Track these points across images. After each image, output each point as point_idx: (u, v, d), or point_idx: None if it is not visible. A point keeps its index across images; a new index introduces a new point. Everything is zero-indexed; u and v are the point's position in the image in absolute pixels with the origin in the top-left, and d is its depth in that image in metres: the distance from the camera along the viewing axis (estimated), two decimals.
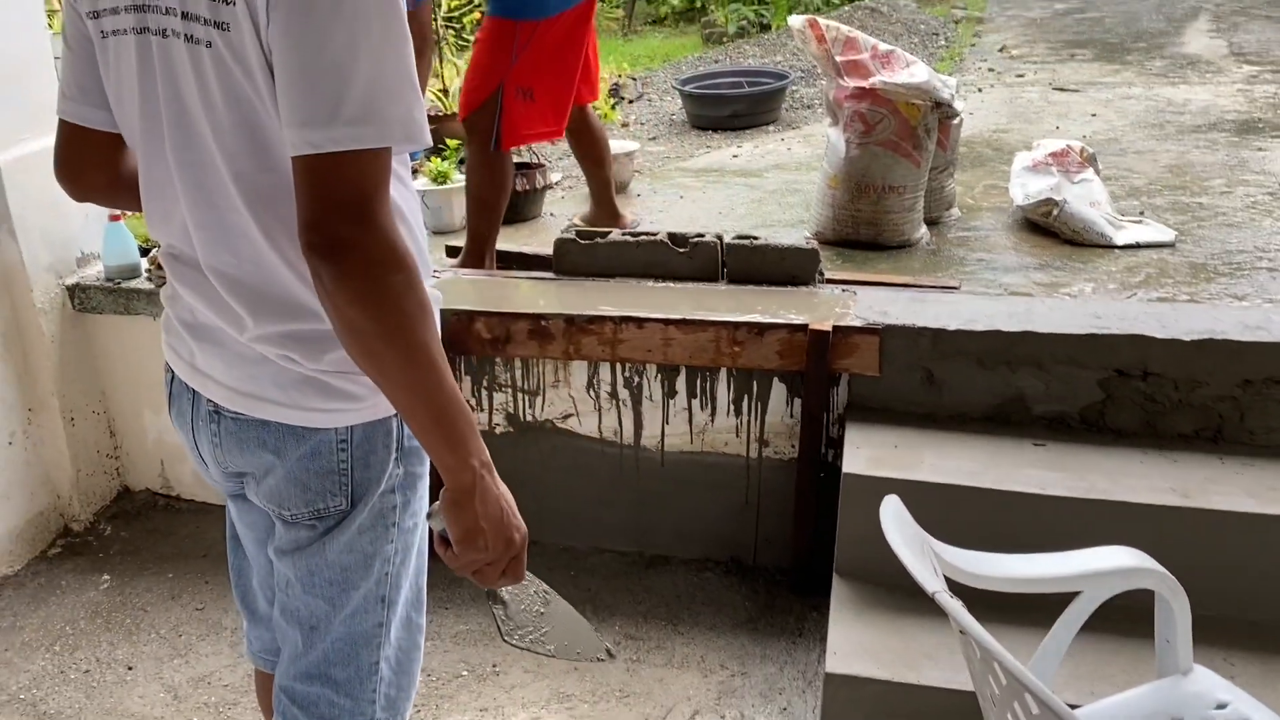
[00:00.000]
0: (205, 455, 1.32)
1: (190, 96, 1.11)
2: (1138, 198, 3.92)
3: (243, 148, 1.11)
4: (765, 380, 2.56)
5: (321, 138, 1.01)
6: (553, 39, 3.18)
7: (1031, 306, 2.53)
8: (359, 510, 1.26)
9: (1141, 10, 8.01)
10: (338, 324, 1.04)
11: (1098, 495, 2.14)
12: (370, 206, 1.03)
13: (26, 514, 2.80)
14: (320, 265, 1.02)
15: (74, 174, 1.33)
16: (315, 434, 1.22)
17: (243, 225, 1.15)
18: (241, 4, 1.04)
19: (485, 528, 1.13)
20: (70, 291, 2.80)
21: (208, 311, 1.23)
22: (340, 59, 1.01)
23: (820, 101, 5.99)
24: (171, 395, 1.35)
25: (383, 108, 1.03)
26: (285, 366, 1.19)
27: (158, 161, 1.19)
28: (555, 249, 2.89)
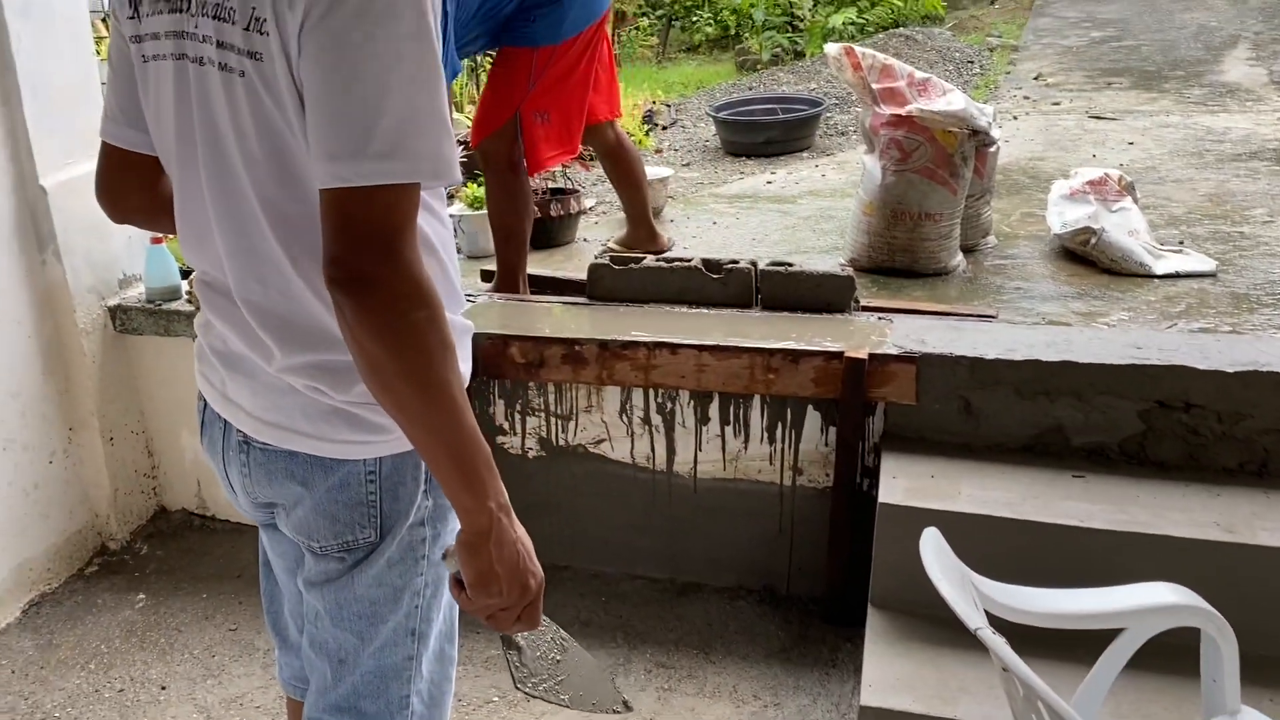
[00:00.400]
0: (235, 485, 1.32)
1: (223, 125, 1.12)
2: (1177, 227, 3.88)
3: (273, 177, 1.11)
4: (800, 408, 2.54)
5: (348, 171, 1.01)
6: (568, 62, 3.20)
7: (1071, 336, 2.50)
8: (388, 543, 1.25)
9: (1179, 38, 7.95)
10: (358, 359, 1.04)
11: (1139, 529, 2.11)
12: (395, 242, 1.02)
13: (65, 532, 2.83)
14: (343, 299, 1.02)
15: (114, 196, 1.34)
16: (343, 465, 1.21)
17: (272, 255, 1.15)
18: (275, 34, 1.04)
19: (500, 572, 1.11)
20: (112, 313, 2.83)
21: (238, 341, 1.23)
22: (371, 92, 1.01)
23: (854, 128, 5.98)
24: (204, 423, 1.35)
25: (412, 143, 1.03)
26: (313, 397, 1.19)
27: (192, 188, 1.20)
28: (589, 274, 2.90)
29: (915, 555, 2.14)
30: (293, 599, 1.44)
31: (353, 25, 1.00)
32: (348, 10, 1.00)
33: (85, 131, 2.70)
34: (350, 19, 1.00)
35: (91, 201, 1.38)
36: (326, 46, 1.01)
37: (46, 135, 2.61)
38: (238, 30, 1.06)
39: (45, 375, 2.73)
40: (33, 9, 2.54)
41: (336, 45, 1.01)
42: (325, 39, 1.01)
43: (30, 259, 2.65)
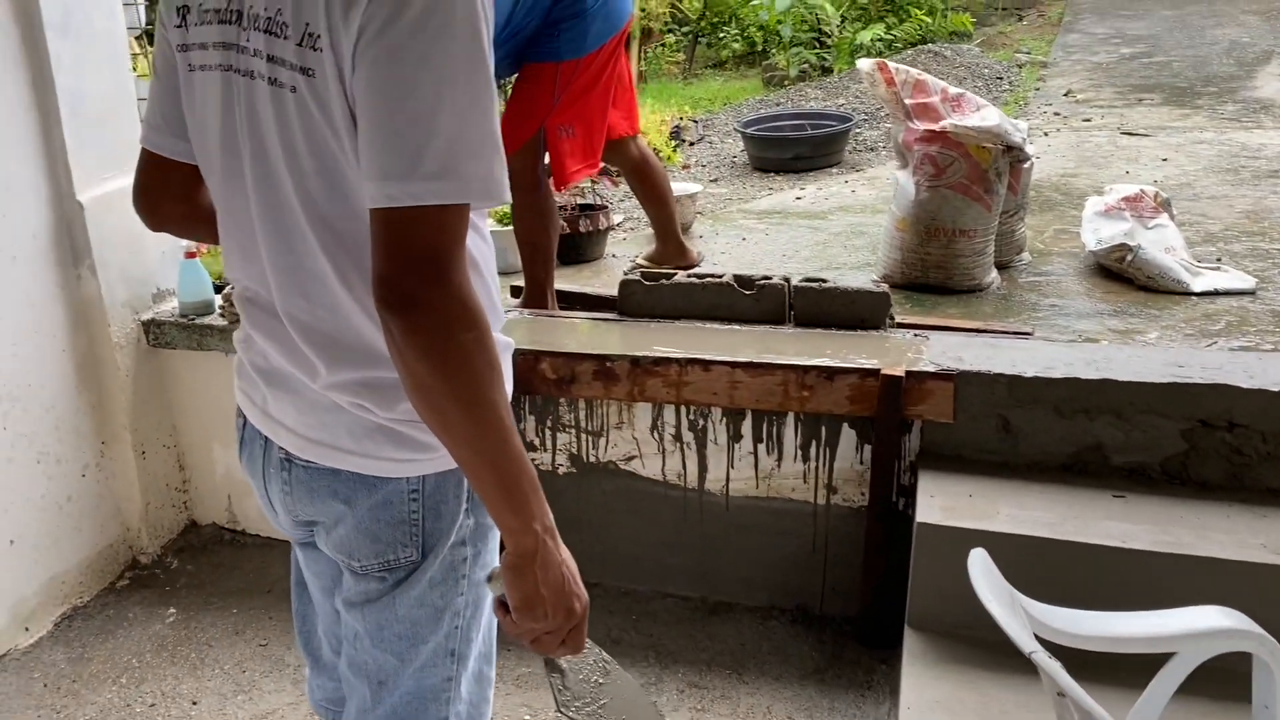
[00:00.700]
0: (275, 503, 1.31)
1: (271, 140, 1.11)
2: (1214, 244, 3.83)
3: (323, 193, 1.11)
4: (834, 425, 2.52)
5: (399, 191, 1.00)
6: (590, 74, 3.20)
7: (1110, 354, 2.47)
8: (429, 562, 1.24)
9: (1211, 54, 7.88)
10: (406, 379, 1.03)
11: (1183, 550, 2.07)
12: (445, 263, 1.02)
13: (97, 545, 2.84)
14: (391, 319, 1.01)
15: (152, 204, 1.34)
16: (387, 484, 1.20)
17: (320, 270, 1.14)
18: (328, 51, 1.03)
19: (545, 595, 1.10)
20: (145, 327, 2.85)
21: (281, 357, 1.22)
22: (423, 112, 1.00)
23: (884, 144, 5.96)
24: (243, 440, 1.33)
25: (463, 164, 1.02)
26: (358, 415, 1.18)
27: (237, 201, 1.19)
28: (620, 290, 2.89)
29: (954, 575, 2.11)
30: (327, 619, 1.42)
31: (407, 43, 1.00)
32: (403, 28, 0.99)
33: (121, 146, 2.72)
34: (405, 36, 1.00)
35: (126, 216, 1.37)
36: (381, 63, 1.01)
37: (83, 150, 2.63)
38: (290, 45, 1.06)
39: (79, 389, 2.74)
40: (72, 27, 2.56)
41: (391, 62, 1.00)
42: (380, 56, 1.01)
43: (65, 273, 2.67)
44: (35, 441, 2.63)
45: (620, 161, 3.72)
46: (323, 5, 1.03)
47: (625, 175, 3.85)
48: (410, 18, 0.99)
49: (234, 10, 1.11)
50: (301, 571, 1.45)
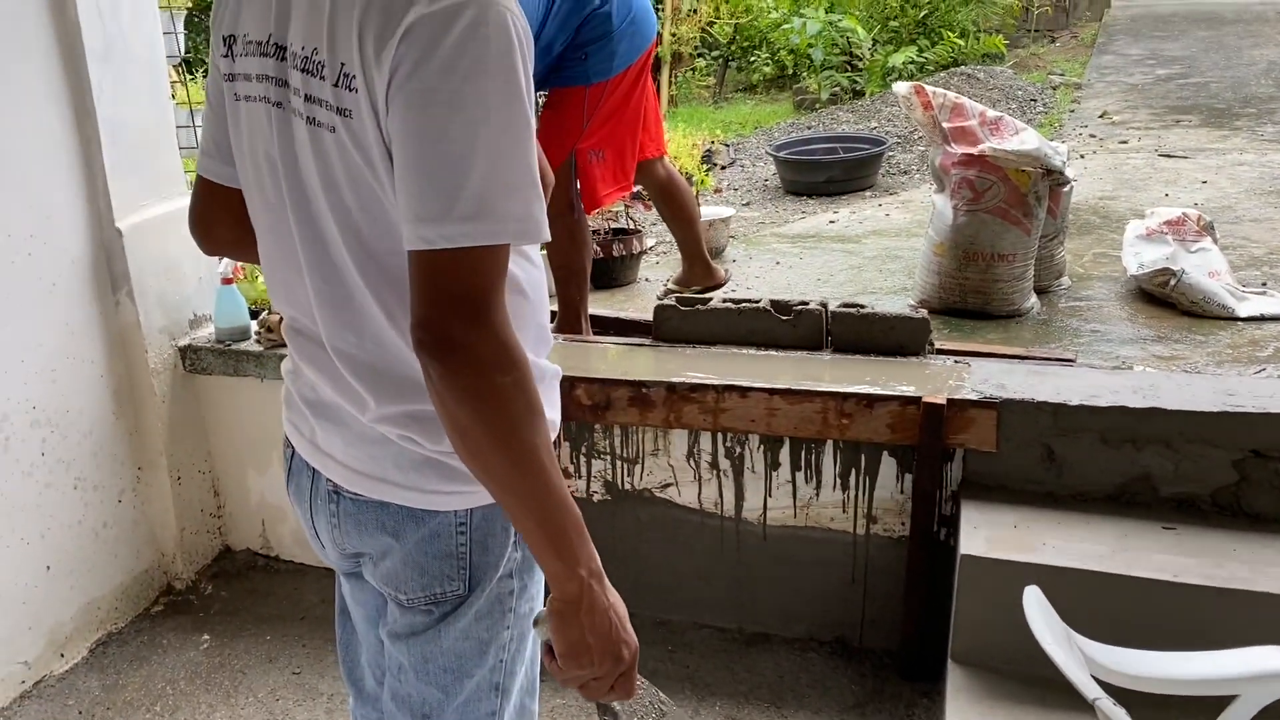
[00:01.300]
0: (323, 535, 1.29)
1: (311, 176, 1.11)
2: (1258, 268, 3.76)
3: (368, 228, 1.10)
4: (874, 454, 2.47)
5: (434, 233, 0.99)
6: (619, 96, 3.19)
7: (1157, 382, 2.41)
8: (476, 595, 1.22)
9: (1248, 75, 7.80)
10: (445, 423, 1.02)
11: (1238, 585, 2.01)
12: (483, 304, 1.00)
13: (133, 571, 2.84)
14: (429, 363, 1.00)
15: (206, 228, 1.34)
16: (434, 517, 1.18)
17: (364, 304, 1.13)
18: (364, 91, 1.02)
19: (592, 642, 1.08)
20: (182, 353, 2.85)
21: (329, 389, 1.21)
22: (458, 152, 0.99)
23: (917, 167, 5.92)
24: (291, 472, 1.33)
25: (499, 204, 1.00)
26: (406, 447, 1.16)
27: (279, 234, 1.19)
28: (655, 315, 2.87)
29: (998, 609, 2.07)
30: (371, 649, 1.40)
31: (440, 82, 0.99)
32: (435, 67, 0.98)
33: (160, 174, 2.73)
34: (437, 76, 0.99)
35: (166, 242, 1.39)
36: (414, 104, 1.00)
37: (123, 178, 2.64)
38: (327, 86, 1.05)
39: (116, 415, 2.75)
40: (114, 54, 2.58)
41: (424, 103, 0.99)
42: (412, 97, 1.00)
43: (104, 300, 2.68)
44: (73, 467, 2.63)
45: (647, 183, 3.71)
46: (356, 45, 1.02)
47: (652, 196, 3.83)
48: (442, 58, 0.98)
49: (275, 44, 1.11)
50: (345, 601, 1.44)
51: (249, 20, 1.15)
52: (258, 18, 1.14)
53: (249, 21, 1.15)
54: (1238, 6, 10.57)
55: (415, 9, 0.99)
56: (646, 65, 3.26)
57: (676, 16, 8.56)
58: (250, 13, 1.15)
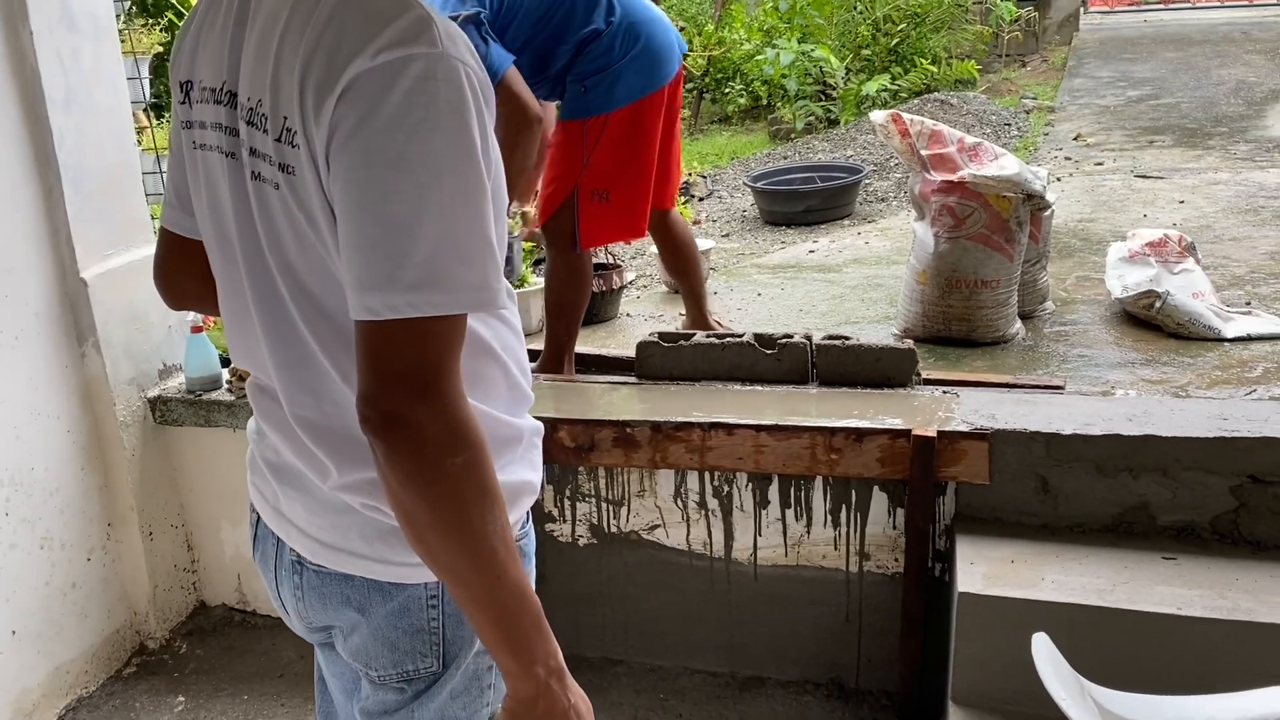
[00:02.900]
0: (288, 607, 1.22)
1: (258, 232, 1.05)
2: (1241, 287, 3.74)
3: (319, 287, 1.03)
4: (865, 489, 2.42)
5: (378, 303, 0.92)
6: (621, 133, 3.04)
7: (1150, 408, 2.37)
8: (451, 673, 1.15)
9: (1218, 95, 7.85)
10: (391, 506, 0.96)
11: (1243, 616, 1.95)
12: (431, 379, 0.93)
13: (103, 632, 2.74)
14: (374, 441, 0.94)
15: (171, 282, 1.29)
16: (403, 590, 1.11)
17: (320, 365, 1.07)
18: (305, 148, 0.96)
19: None
20: (152, 404, 2.78)
21: (291, 454, 1.15)
22: (403, 216, 0.91)
23: (895, 194, 5.92)
24: (256, 537, 1.26)
25: (451, 272, 0.93)
26: (371, 516, 1.09)
27: (235, 290, 1.13)
28: (638, 352, 2.81)
29: (999, 647, 2.01)
30: None
31: (384, 141, 0.91)
32: (378, 125, 0.91)
33: (124, 222, 2.67)
34: (381, 134, 0.91)
35: (132, 292, 1.35)
36: (356, 164, 0.92)
37: (87, 226, 2.58)
38: (269, 140, 0.99)
39: (84, 471, 2.66)
40: (75, 102, 2.52)
41: (366, 163, 0.92)
42: (355, 156, 0.92)
43: (70, 352, 2.60)
44: (38, 527, 2.54)
45: (653, 231, 3.52)
46: (298, 98, 0.95)
47: (658, 246, 3.66)
48: (386, 115, 0.91)
49: (229, 92, 1.05)
50: (323, 670, 1.36)
51: (204, 65, 1.09)
52: (212, 62, 1.08)
53: (204, 66, 1.09)
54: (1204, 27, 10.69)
55: (357, 63, 0.92)
56: (657, 109, 3.09)
57: None
58: (205, 56, 1.09)
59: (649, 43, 2.99)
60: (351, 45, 0.93)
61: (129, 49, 3.57)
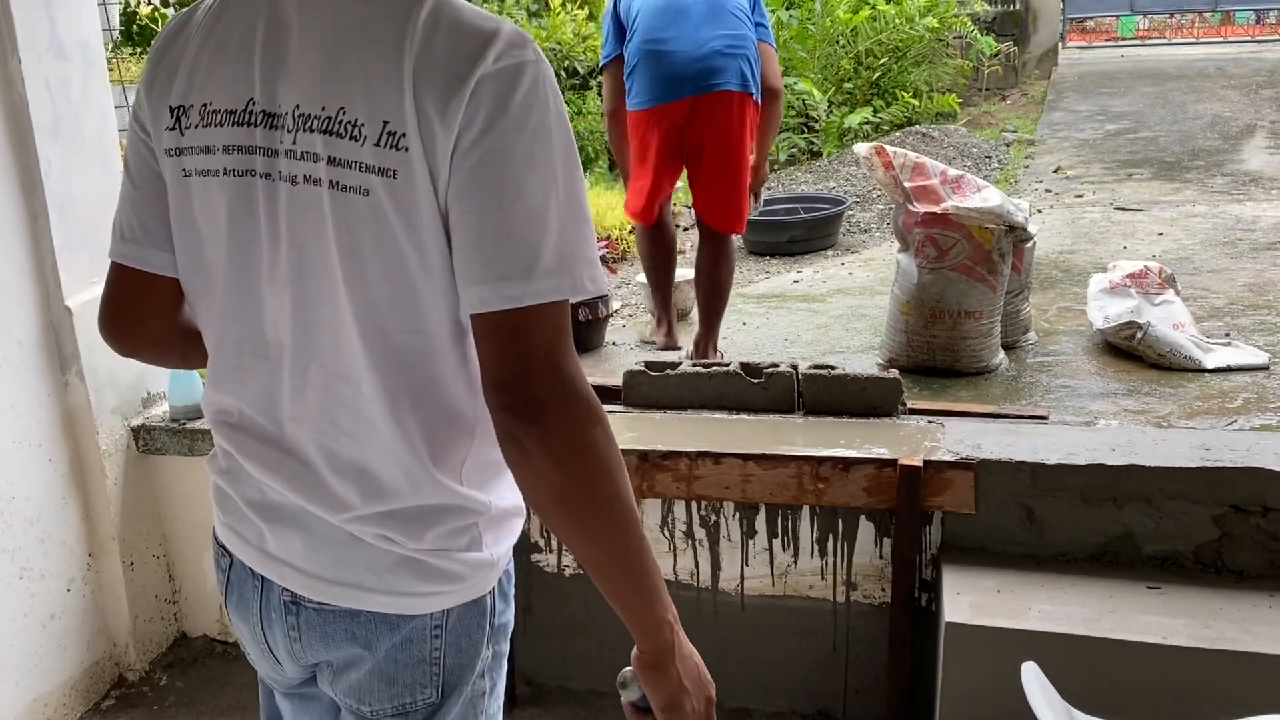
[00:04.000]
0: (279, 651, 1.16)
1: (323, 247, 1.02)
2: (1220, 318, 3.79)
3: (389, 304, 1.02)
4: (851, 519, 2.42)
5: (522, 291, 0.97)
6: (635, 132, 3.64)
7: (1133, 438, 2.39)
8: (451, 703, 1.13)
9: (1195, 129, 7.98)
10: (539, 491, 0.98)
11: (1227, 646, 1.97)
12: (563, 359, 0.98)
13: (82, 664, 2.70)
14: (519, 427, 0.96)
15: (125, 324, 1.22)
16: (409, 621, 1.09)
17: (362, 391, 1.05)
18: (418, 152, 0.98)
19: (689, 687, 1.08)
20: (135, 433, 2.76)
21: (286, 490, 1.10)
22: (536, 209, 0.98)
23: (878, 225, 5.97)
24: (230, 582, 1.19)
25: (574, 256, 0.99)
26: (382, 548, 1.08)
27: (245, 318, 1.09)
28: (625, 381, 2.82)
29: (987, 676, 2.01)
30: None
31: (512, 142, 0.97)
32: (505, 128, 0.97)
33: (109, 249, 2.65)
34: (511, 134, 0.97)
35: None
36: (491, 163, 0.97)
37: (72, 255, 2.57)
38: (365, 147, 0.99)
39: (65, 500, 2.64)
40: (62, 130, 2.52)
41: (498, 162, 0.97)
42: (486, 156, 0.97)
43: (53, 380, 2.58)
44: (17, 557, 2.51)
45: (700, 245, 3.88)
46: (410, 102, 0.97)
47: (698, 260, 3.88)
48: (513, 116, 0.97)
49: (261, 112, 1.03)
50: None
51: (214, 88, 1.06)
52: (228, 85, 1.05)
53: (213, 89, 1.06)
54: (1179, 63, 10.88)
55: (481, 66, 0.97)
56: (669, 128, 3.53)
57: None
58: (216, 80, 1.06)
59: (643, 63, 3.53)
60: (471, 51, 0.98)
61: (117, 77, 3.57)
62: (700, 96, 3.43)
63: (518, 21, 7.64)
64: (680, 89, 3.42)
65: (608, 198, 6.12)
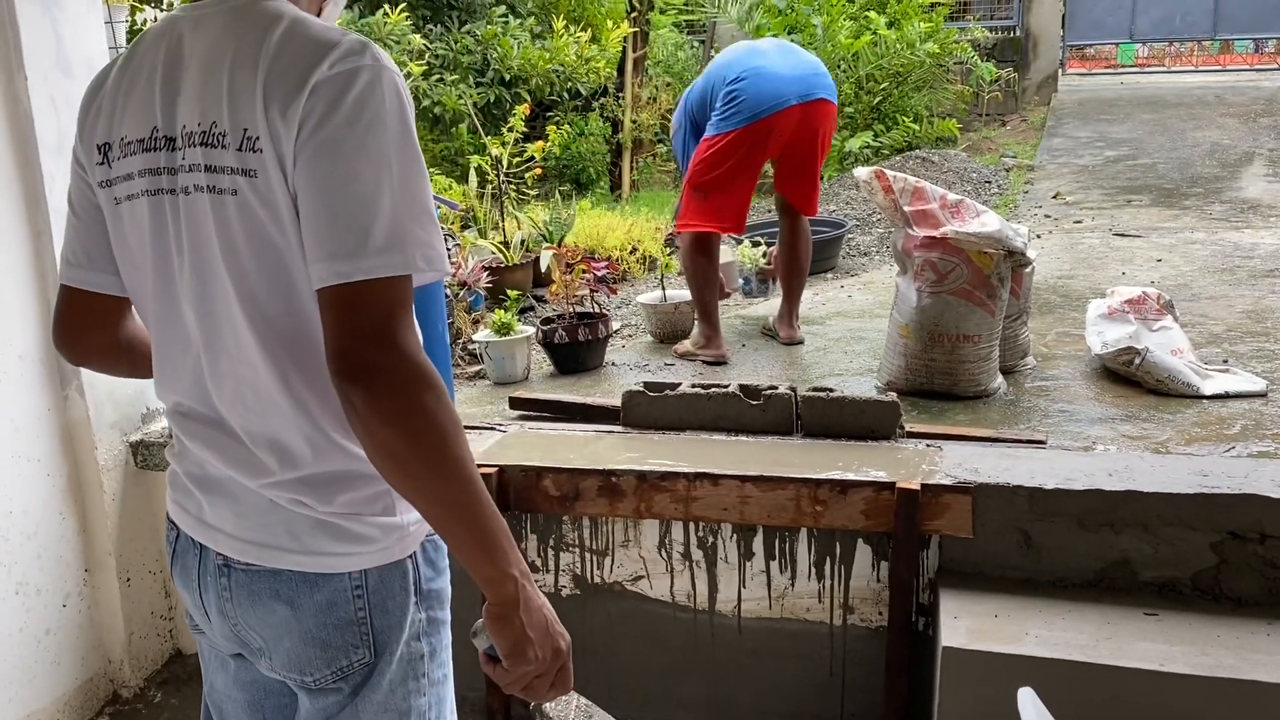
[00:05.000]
0: (212, 613, 1.28)
1: (210, 247, 1.16)
2: (1218, 345, 3.79)
3: (266, 290, 1.15)
4: (849, 542, 2.42)
5: (350, 267, 1.07)
6: (720, 154, 3.86)
7: (1131, 464, 2.39)
8: (385, 662, 1.22)
9: (1193, 156, 8.01)
10: (372, 449, 1.07)
11: (1225, 673, 1.96)
12: (396, 329, 1.08)
13: (77, 680, 2.70)
14: (352, 390, 1.06)
15: (73, 338, 1.37)
16: (329, 581, 1.20)
17: (259, 373, 1.18)
18: (269, 149, 1.11)
19: (533, 636, 1.14)
20: (133, 448, 2.76)
21: (219, 463, 1.23)
22: (366, 193, 1.09)
23: (878, 249, 5.98)
24: (175, 553, 1.33)
25: (406, 237, 1.10)
26: (296, 511, 1.19)
27: (171, 320, 1.22)
28: (624, 401, 2.82)
29: (984, 702, 2.01)
30: None
31: (344, 134, 1.09)
32: (339, 121, 1.09)
33: None
34: (343, 127, 1.09)
35: None
36: (323, 152, 1.09)
37: None
38: (230, 152, 1.12)
39: (63, 515, 2.64)
40: (66, 147, 2.52)
41: (331, 152, 1.09)
42: (321, 146, 1.09)
43: (53, 395, 2.59)
44: (14, 572, 2.51)
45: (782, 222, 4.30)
46: (260, 109, 1.11)
47: (781, 236, 4.32)
48: (344, 112, 1.09)
49: (163, 137, 1.18)
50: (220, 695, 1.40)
51: (128, 123, 1.21)
52: (138, 117, 1.20)
53: (127, 124, 1.21)
54: (1178, 91, 10.94)
55: (318, 71, 1.10)
56: (743, 149, 3.83)
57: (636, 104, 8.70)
58: (130, 115, 1.21)
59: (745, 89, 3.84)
60: (309, 60, 1.11)
61: None
62: (806, 104, 3.83)
63: (521, 43, 7.69)
64: (788, 98, 3.79)
65: (608, 219, 6.14)
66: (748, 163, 3.89)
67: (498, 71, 7.59)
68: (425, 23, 7.62)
